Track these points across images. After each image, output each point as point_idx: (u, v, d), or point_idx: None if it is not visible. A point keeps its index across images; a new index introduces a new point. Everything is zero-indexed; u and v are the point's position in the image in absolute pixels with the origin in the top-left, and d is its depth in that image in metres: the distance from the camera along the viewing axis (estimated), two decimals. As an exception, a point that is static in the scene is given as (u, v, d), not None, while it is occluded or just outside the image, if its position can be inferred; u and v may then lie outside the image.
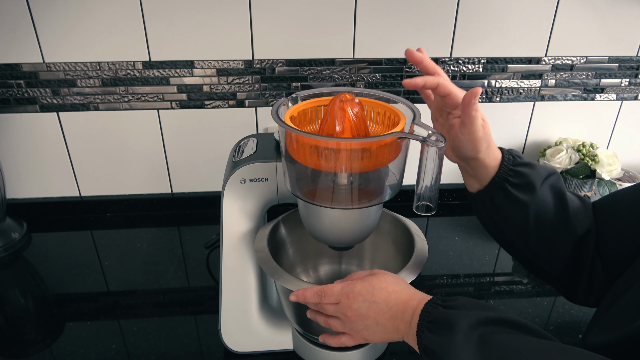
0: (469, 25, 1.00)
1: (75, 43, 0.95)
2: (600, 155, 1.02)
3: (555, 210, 0.56)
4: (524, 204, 0.56)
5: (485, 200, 0.59)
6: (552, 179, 0.57)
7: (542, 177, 0.56)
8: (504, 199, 0.57)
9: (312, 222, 0.62)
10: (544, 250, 0.58)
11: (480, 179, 0.58)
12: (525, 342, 0.41)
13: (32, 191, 1.10)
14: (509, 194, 0.56)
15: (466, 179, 0.62)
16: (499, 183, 0.57)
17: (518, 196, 0.56)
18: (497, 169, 0.57)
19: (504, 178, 0.57)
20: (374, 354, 0.71)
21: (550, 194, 0.57)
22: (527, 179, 0.56)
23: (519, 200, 0.56)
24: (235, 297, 0.73)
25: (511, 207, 0.57)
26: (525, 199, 0.55)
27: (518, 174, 0.56)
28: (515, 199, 0.56)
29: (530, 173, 0.56)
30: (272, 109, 0.56)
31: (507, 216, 0.58)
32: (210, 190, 1.13)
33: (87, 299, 0.87)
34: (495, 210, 0.58)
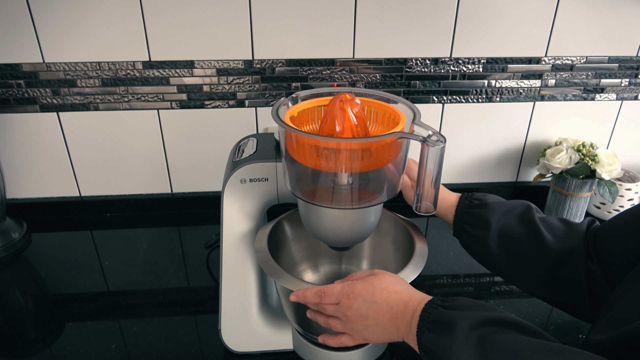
0: (469, 25, 1.00)
1: (75, 43, 0.95)
2: (600, 155, 1.02)
3: (525, 237, 0.62)
4: (482, 239, 0.64)
5: (458, 239, 0.69)
6: (519, 210, 0.64)
7: (499, 213, 0.63)
8: (467, 238, 0.67)
9: (312, 222, 0.62)
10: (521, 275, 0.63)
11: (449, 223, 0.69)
12: (525, 343, 0.41)
13: (32, 191, 1.10)
14: (469, 233, 0.66)
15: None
16: (460, 225, 0.67)
17: (475, 233, 0.65)
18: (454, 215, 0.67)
19: (462, 220, 0.67)
20: (374, 354, 0.71)
21: (518, 224, 0.63)
22: (480, 218, 0.64)
23: (477, 237, 0.65)
24: (235, 297, 0.73)
25: (474, 243, 0.66)
26: (482, 235, 0.64)
27: (472, 215, 0.65)
28: (474, 236, 0.65)
29: (484, 212, 0.64)
30: (272, 109, 0.56)
31: (475, 251, 0.67)
32: (210, 190, 1.14)
33: (87, 299, 0.87)
34: (466, 247, 0.68)
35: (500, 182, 1.20)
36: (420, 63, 1.03)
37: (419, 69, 1.04)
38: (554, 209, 1.09)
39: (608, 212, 1.11)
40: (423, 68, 1.04)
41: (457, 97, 1.08)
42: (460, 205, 0.67)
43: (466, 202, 0.67)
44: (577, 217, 1.08)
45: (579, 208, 1.07)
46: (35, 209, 1.10)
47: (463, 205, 0.67)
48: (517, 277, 0.64)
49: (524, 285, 0.64)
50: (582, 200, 1.06)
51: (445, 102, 1.08)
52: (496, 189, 1.19)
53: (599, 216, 1.13)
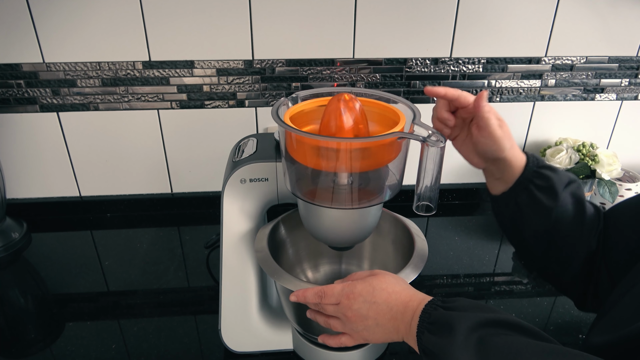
0: (469, 25, 1.00)
1: (75, 43, 0.95)
2: (600, 155, 1.02)
3: (573, 218, 0.57)
4: (547, 208, 0.57)
5: (509, 202, 0.60)
6: (573, 187, 0.58)
7: (564, 183, 0.57)
8: (527, 201, 0.58)
9: (312, 222, 0.62)
10: (558, 256, 0.59)
11: (506, 180, 0.59)
12: (525, 344, 0.41)
13: (32, 191, 1.10)
14: (532, 195, 0.57)
15: (491, 182, 0.62)
16: (524, 184, 0.58)
17: (541, 199, 0.57)
18: (523, 170, 0.58)
19: (528, 179, 0.57)
20: (373, 354, 0.71)
21: (571, 201, 0.57)
22: (550, 182, 0.57)
23: (542, 204, 0.57)
24: (235, 297, 0.73)
25: (534, 210, 0.58)
26: (549, 204, 0.57)
27: (542, 176, 0.57)
28: (539, 202, 0.57)
29: (554, 177, 0.57)
30: (272, 109, 0.56)
31: (528, 219, 0.59)
32: (210, 190, 1.13)
33: (87, 299, 0.87)
34: (518, 212, 0.59)
35: (500, 182, 1.20)
36: (420, 63, 1.03)
37: (419, 69, 1.04)
38: (554, 209, 1.09)
39: (608, 212, 1.11)
40: (423, 68, 1.04)
41: (457, 97, 1.08)
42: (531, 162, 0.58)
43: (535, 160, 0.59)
44: (577, 217, 1.08)
45: (579, 208, 1.07)
46: (35, 209, 1.10)
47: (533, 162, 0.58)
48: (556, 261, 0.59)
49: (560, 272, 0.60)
50: (582, 200, 1.06)
51: (445, 102, 1.08)
52: (496, 189, 1.19)
53: (599, 216, 1.13)
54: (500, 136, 0.55)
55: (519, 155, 0.58)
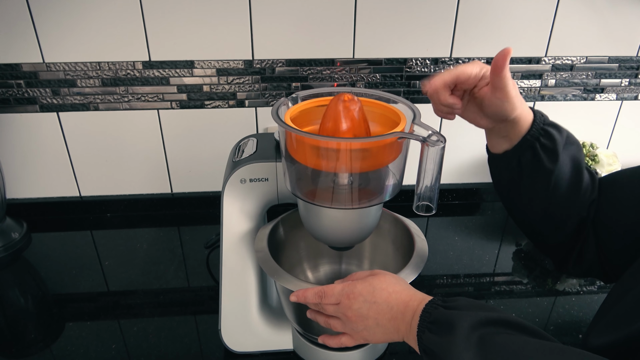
0: (469, 25, 1.00)
1: (75, 43, 0.95)
2: (600, 155, 1.02)
3: (570, 181, 0.56)
4: (548, 170, 0.56)
5: (511, 161, 0.58)
6: (572, 149, 0.57)
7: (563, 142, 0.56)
8: (531, 160, 0.56)
9: (312, 222, 0.62)
10: (551, 220, 0.58)
11: (512, 137, 0.57)
12: (525, 343, 0.41)
13: (32, 191, 1.10)
14: (537, 154, 0.56)
15: (494, 140, 0.59)
16: (530, 142, 0.56)
17: (543, 160, 0.56)
18: (530, 127, 0.56)
19: (535, 137, 0.56)
20: (374, 354, 0.71)
21: (570, 164, 0.56)
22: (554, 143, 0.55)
23: (544, 165, 0.56)
24: (235, 297, 0.73)
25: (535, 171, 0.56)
26: (549, 166, 0.55)
27: (548, 134, 0.56)
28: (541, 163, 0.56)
29: (558, 138, 0.56)
30: (272, 109, 0.56)
31: (529, 180, 0.57)
32: (210, 190, 1.13)
33: (87, 299, 0.87)
34: (519, 172, 0.58)
35: (500, 182, 1.20)
36: (420, 63, 1.03)
37: (419, 69, 1.04)
38: (554, 209, 1.09)
39: (608, 212, 1.10)
40: (423, 68, 1.04)
41: (457, 97, 1.08)
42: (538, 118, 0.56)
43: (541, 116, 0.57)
44: (577, 217, 1.08)
45: (579, 208, 1.07)
46: (35, 209, 1.10)
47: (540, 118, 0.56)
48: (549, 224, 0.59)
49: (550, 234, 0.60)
50: (582, 200, 1.06)
51: (445, 102, 1.08)
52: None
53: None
54: (514, 95, 0.53)
55: (528, 112, 0.56)
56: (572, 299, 0.87)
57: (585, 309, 0.84)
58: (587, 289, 0.90)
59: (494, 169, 0.62)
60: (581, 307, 0.84)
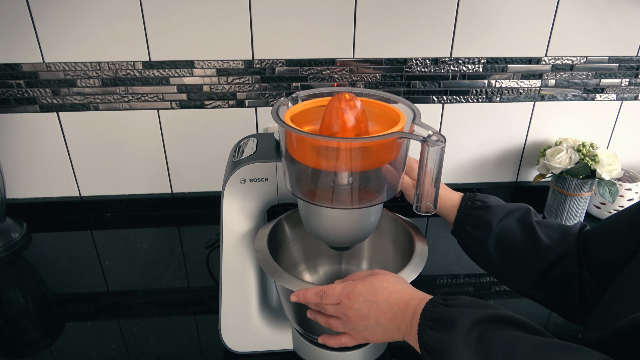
0: (469, 25, 1.00)
1: (75, 43, 0.95)
2: (600, 155, 1.02)
3: (523, 240, 0.63)
4: (482, 240, 0.64)
5: (459, 240, 0.69)
6: (518, 213, 0.64)
7: (500, 215, 0.64)
8: (466, 238, 0.67)
9: (312, 222, 0.62)
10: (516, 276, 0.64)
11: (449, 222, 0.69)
12: (525, 339, 0.41)
13: (32, 191, 1.10)
14: (469, 234, 0.66)
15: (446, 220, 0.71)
16: (460, 226, 0.67)
17: (475, 234, 0.65)
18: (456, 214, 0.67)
19: (463, 221, 0.67)
20: (374, 354, 0.71)
21: (516, 225, 0.64)
22: (482, 220, 0.64)
23: (478, 238, 0.65)
24: (235, 297, 0.73)
25: (473, 244, 0.66)
26: (482, 236, 0.64)
27: (474, 216, 0.65)
28: (474, 237, 0.65)
29: (486, 214, 0.64)
30: (272, 109, 0.56)
31: (473, 251, 0.68)
32: (210, 190, 1.13)
33: (87, 299, 0.87)
34: (464, 246, 0.69)
35: (500, 182, 1.20)
36: (420, 63, 1.03)
37: (419, 69, 1.04)
38: (554, 209, 1.09)
39: (608, 212, 1.11)
40: (423, 68, 1.04)
41: (457, 97, 1.08)
42: (463, 206, 0.67)
43: (469, 204, 0.67)
44: (577, 217, 1.08)
45: (579, 208, 1.07)
46: (35, 209, 1.10)
47: (465, 206, 0.67)
48: (513, 278, 0.65)
49: (518, 286, 0.65)
50: (582, 201, 1.06)
51: (445, 102, 1.08)
52: (496, 189, 1.19)
53: (599, 216, 1.13)
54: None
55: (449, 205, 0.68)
56: (572, 299, 0.87)
57: (585, 309, 0.84)
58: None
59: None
60: (581, 307, 0.84)
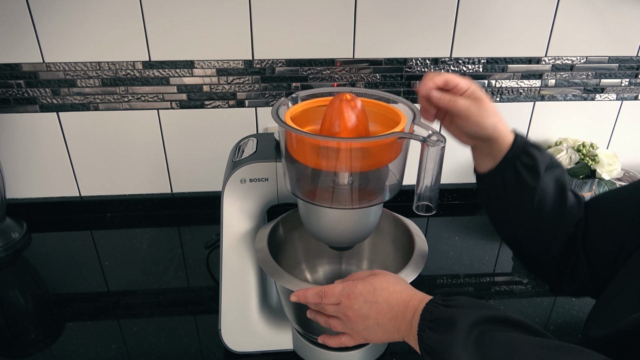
0: (469, 25, 1.00)
1: (75, 43, 0.95)
2: (600, 155, 1.02)
3: (554, 201, 0.58)
4: (531, 188, 0.57)
5: (495, 179, 0.60)
6: (557, 172, 0.59)
7: (546, 163, 0.58)
8: (513, 178, 0.58)
9: (312, 222, 0.62)
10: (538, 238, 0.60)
11: (495, 155, 0.59)
12: (525, 340, 0.42)
13: (32, 191, 1.10)
14: (518, 173, 0.58)
15: (479, 158, 0.62)
16: (512, 161, 0.58)
17: (525, 179, 0.57)
18: (511, 146, 0.58)
19: (516, 155, 0.57)
20: (374, 354, 0.71)
21: (553, 184, 0.58)
22: (535, 162, 0.57)
23: (526, 183, 0.57)
24: (235, 297, 0.73)
25: (518, 189, 0.58)
26: (531, 183, 0.57)
27: (529, 154, 0.57)
28: (523, 181, 0.57)
29: (539, 157, 0.57)
30: (272, 109, 0.56)
31: (513, 198, 0.59)
32: (210, 190, 1.13)
33: (87, 299, 0.87)
34: (503, 190, 0.59)
35: (500, 182, 1.20)
36: (420, 63, 1.03)
37: (419, 69, 1.04)
38: (554, 209, 1.09)
39: (608, 212, 1.11)
40: (423, 68, 1.04)
41: (457, 97, 1.08)
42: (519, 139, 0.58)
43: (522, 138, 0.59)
44: (577, 217, 1.08)
45: (579, 208, 1.07)
46: (35, 209, 1.10)
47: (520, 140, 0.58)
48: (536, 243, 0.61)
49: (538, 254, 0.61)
50: (582, 200, 1.06)
51: (445, 102, 1.08)
52: (496, 189, 1.19)
53: (599, 216, 1.13)
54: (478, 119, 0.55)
55: (506, 133, 0.58)
56: (572, 299, 0.87)
57: (585, 309, 0.84)
58: (587, 289, 0.90)
59: (481, 189, 0.64)
60: (581, 307, 0.84)
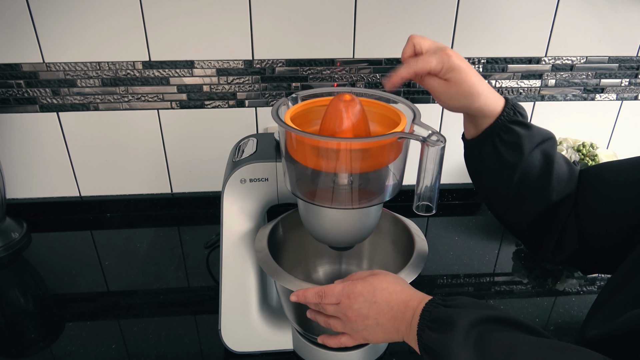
0: (469, 25, 1.00)
1: (75, 43, 0.95)
2: (600, 155, 1.02)
3: (539, 174, 0.57)
4: (511, 165, 0.56)
5: (475, 149, 0.59)
6: (545, 145, 0.57)
7: (535, 142, 0.56)
8: (491, 153, 0.57)
9: (312, 222, 0.62)
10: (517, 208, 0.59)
11: (478, 127, 0.58)
12: (524, 340, 0.42)
13: (32, 191, 1.10)
14: (496, 149, 0.57)
15: (466, 124, 0.61)
16: (490, 136, 0.57)
17: (504, 155, 0.56)
18: (493, 121, 0.56)
19: (495, 132, 0.56)
20: (374, 354, 0.71)
21: (540, 158, 0.57)
22: (518, 139, 0.55)
23: (505, 160, 0.56)
24: (235, 297, 0.73)
25: (495, 163, 0.57)
26: (512, 160, 0.56)
27: (511, 131, 0.56)
28: (502, 157, 0.56)
29: (524, 134, 0.55)
30: (272, 109, 0.56)
31: (490, 171, 0.58)
32: (210, 190, 1.13)
33: (87, 299, 0.87)
34: (480, 162, 0.59)
35: (500, 182, 1.20)
36: (420, 63, 1.03)
37: (419, 69, 1.04)
38: (554, 209, 1.09)
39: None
40: (423, 68, 1.04)
41: (457, 97, 1.08)
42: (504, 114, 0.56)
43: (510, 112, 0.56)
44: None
45: (579, 208, 1.07)
46: (35, 209, 1.10)
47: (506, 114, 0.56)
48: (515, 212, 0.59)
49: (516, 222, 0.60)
50: (582, 200, 1.06)
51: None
52: (496, 189, 1.19)
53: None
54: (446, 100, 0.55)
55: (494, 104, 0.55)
56: (572, 299, 0.87)
57: (585, 309, 0.84)
58: (587, 289, 0.90)
59: (464, 152, 0.63)
60: (581, 307, 0.84)
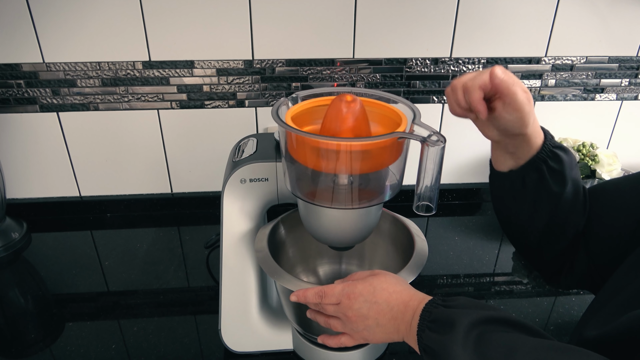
0: (469, 25, 1.00)
1: (75, 43, 0.95)
2: (600, 155, 1.02)
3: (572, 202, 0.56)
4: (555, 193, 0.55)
5: (516, 180, 0.57)
6: (575, 172, 0.56)
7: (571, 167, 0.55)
8: (537, 181, 0.55)
9: (312, 222, 0.62)
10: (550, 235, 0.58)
11: (520, 155, 0.56)
12: (524, 341, 0.41)
13: (32, 191, 1.10)
14: (543, 176, 0.55)
15: (500, 155, 0.58)
16: (537, 163, 0.55)
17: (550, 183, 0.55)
18: (540, 147, 0.54)
19: (542, 158, 0.54)
20: (374, 354, 0.71)
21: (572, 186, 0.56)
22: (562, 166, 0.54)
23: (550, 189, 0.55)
24: (235, 297, 0.73)
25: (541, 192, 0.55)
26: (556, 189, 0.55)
27: (556, 157, 0.54)
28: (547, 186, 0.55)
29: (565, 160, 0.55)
30: (272, 109, 0.56)
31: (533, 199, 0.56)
32: (210, 190, 1.13)
33: (87, 299, 0.87)
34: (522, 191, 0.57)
35: (500, 182, 1.20)
36: (420, 63, 1.03)
37: (419, 69, 1.04)
38: (554, 209, 1.09)
39: (608, 212, 1.10)
40: (423, 68, 1.04)
41: (457, 97, 1.08)
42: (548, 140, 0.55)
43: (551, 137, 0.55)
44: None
45: (579, 208, 1.07)
46: (35, 209, 1.10)
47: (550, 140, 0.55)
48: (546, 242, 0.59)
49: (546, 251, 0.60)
50: (582, 200, 1.06)
51: (445, 102, 1.08)
52: (496, 189, 1.19)
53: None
54: (527, 112, 0.52)
55: (539, 131, 0.54)
56: (572, 299, 0.87)
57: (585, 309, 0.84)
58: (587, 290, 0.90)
59: (495, 186, 0.61)
60: (581, 307, 0.84)
